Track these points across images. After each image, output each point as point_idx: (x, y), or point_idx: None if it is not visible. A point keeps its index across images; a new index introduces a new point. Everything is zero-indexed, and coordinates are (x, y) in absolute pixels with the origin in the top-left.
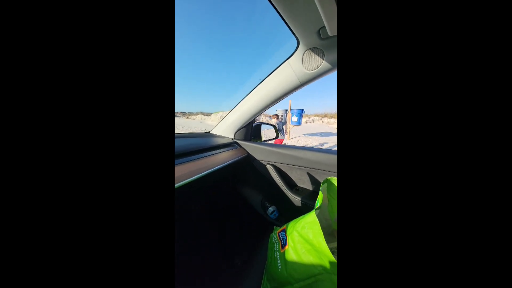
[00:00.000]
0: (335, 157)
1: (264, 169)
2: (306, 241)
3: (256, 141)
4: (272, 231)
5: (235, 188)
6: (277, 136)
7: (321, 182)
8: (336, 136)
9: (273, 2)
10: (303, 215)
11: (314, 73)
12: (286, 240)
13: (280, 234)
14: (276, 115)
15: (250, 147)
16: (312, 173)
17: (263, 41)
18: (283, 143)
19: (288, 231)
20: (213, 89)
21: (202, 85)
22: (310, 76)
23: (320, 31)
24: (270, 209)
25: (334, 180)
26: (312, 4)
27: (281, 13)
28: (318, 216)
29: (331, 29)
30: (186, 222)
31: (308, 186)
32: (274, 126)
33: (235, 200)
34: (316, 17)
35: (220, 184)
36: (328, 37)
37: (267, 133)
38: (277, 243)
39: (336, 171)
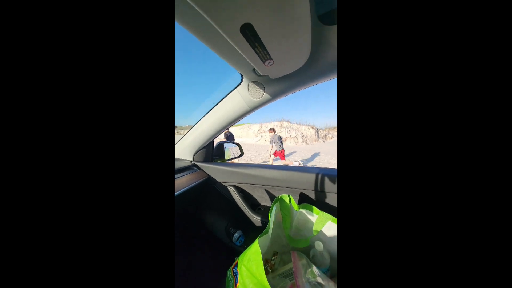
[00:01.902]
0: (288, 173)
1: (226, 191)
2: (252, 274)
3: (220, 161)
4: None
5: (197, 216)
6: (241, 154)
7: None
8: None
9: (208, 45)
10: (250, 246)
11: (259, 101)
12: (237, 276)
13: (233, 270)
14: (273, 129)
15: (210, 169)
16: (270, 190)
17: (219, 66)
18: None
19: (239, 266)
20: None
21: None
22: (257, 103)
23: (255, 70)
24: (236, 235)
25: (285, 197)
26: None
27: (217, 54)
28: (274, 235)
29: (261, 70)
30: None
31: (269, 203)
32: (238, 144)
33: (196, 231)
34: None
35: (180, 213)
36: (263, 75)
37: (232, 151)
38: (232, 281)
39: (290, 186)
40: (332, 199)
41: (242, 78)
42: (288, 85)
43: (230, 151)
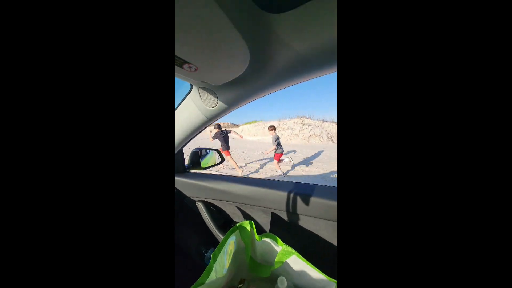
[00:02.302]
0: (262, 190)
1: (196, 207)
2: None
3: (196, 170)
4: None
5: None
6: (222, 161)
7: (250, 216)
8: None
9: None
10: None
11: (215, 110)
12: None
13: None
14: (273, 126)
15: (179, 182)
16: (244, 209)
17: None
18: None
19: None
20: None
21: None
22: (214, 112)
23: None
24: (208, 254)
25: (246, 224)
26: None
27: None
28: (239, 260)
29: (192, 76)
30: None
31: (242, 220)
32: (217, 150)
33: None
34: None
35: None
36: (203, 81)
37: (211, 158)
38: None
39: (263, 205)
40: (306, 222)
41: (191, 85)
42: (241, 93)
43: (210, 158)
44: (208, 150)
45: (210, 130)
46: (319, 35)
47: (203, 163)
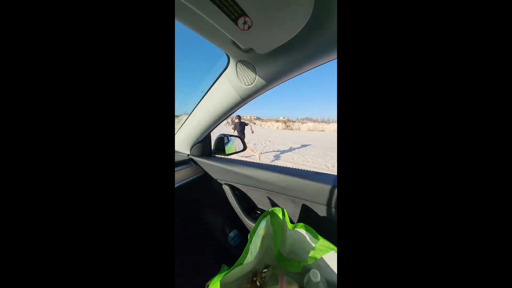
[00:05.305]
0: (291, 179)
1: (222, 189)
2: None
3: (220, 155)
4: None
5: (195, 210)
6: (244, 148)
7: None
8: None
9: (180, 22)
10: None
11: (251, 88)
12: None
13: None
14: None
15: (207, 165)
16: (271, 196)
17: (205, 48)
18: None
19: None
20: None
21: None
22: (249, 91)
23: (235, 42)
24: (231, 234)
25: (278, 211)
26: (222, 16)
27: (194, 30)
28: (266, 246)
29: (241, 40)
30: None
31: (267, 207)
32: (239, 137)
33: (192, 227)
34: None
35: (177, 206)
36: (247, 49)
37: (234, 145)
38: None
39: (292, 195)
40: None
41: (229, 59)
42: (283, 66)
43: (232, 144)
44: (231, 137)
45: (231, 119)
46: None
47: (227, 149)
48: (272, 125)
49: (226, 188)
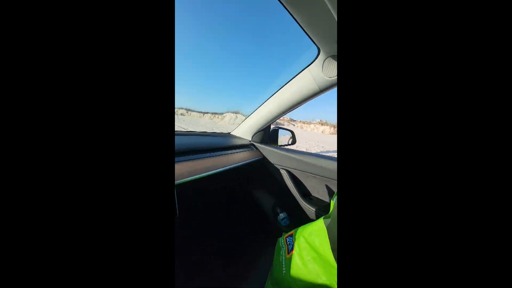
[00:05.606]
0: None
1: (278, 174)
2: (312, 248)
3: (273, 145)
4: (280, 236)
5: (248, 190)
6: (294, 142)
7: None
8: None
9: (291, 11)
10: (312, 222)
11: (333, 80)
12: (293, 245)
13: (287, 239)
14: None
15: (266, 150)
16: (329, 184)
17: (284, 50)
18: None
19: (296, 236)
20: (225, 91)
21: (219, 86)
22: (330, 82)
23: None
24: (281, 215)
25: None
26: (330, 12)
27: (299, 22)
28: (329, 225)
29: None
30: (194, 218)
31: (323, 196)
32: (291, 131)
33: (246, 202)
34: (335, 24)
35: (233, 184)
36: None
37: (285, 138)
38: (284, 248)
39: None
40: None
41: (318, 54)
42: None
43: (284, 137)
44: (285, 131)
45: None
46: None
47: (279, 140)
48: (316, 128)
49: (283, 172)
